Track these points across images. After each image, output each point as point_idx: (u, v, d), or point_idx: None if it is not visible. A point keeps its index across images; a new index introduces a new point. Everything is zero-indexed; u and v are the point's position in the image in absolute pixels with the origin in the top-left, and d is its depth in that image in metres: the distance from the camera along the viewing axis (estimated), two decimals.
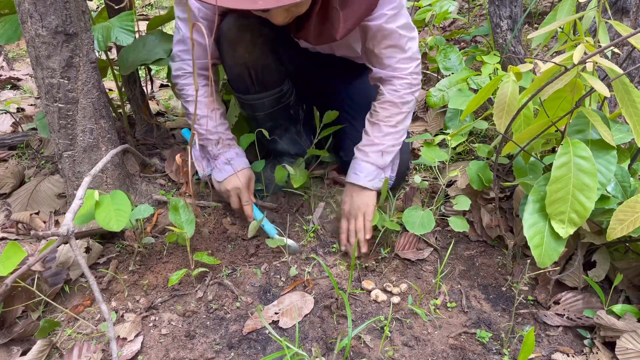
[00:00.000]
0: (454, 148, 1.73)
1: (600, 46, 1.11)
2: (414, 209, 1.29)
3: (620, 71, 0.96)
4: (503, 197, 1.42)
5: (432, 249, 1.37)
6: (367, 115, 1.39)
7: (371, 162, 1.34)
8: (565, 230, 1.03)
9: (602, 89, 0.94)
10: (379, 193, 1.35)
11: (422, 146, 1.44)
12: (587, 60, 0.96)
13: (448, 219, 1.32)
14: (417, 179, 1.41)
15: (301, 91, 1.55)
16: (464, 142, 1.74)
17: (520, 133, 1.16)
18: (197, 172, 1.47)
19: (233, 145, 1.41)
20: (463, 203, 1.28)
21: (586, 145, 1.03)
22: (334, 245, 1.38)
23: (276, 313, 1.16)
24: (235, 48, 1.29)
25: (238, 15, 1.27)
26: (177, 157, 1.18)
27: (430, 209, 1.30)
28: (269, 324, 1.13)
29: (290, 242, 1.35)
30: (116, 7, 1.62)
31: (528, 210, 1.09)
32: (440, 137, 1.43)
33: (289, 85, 1.48)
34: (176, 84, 1.38)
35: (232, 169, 1.37)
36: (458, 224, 1.28)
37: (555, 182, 1.03)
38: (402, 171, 1.51)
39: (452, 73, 1.91)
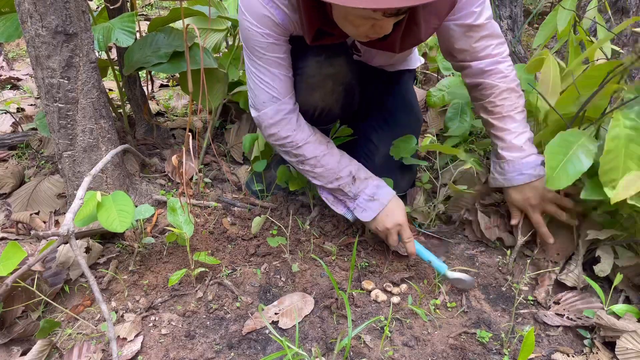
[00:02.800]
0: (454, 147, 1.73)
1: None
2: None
3: None
4: (502, 201, 1.43)
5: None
6: (485, 115, 1.29)
7: (529, 153, 1.25)
8: (617, 195, 1.05)
9: None
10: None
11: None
12: None
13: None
14: (424, 177, 1.41)
15: None
16: (464, 141, 1.74)
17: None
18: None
19: (369, 177, 1.27)
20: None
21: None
22: (332, 247, 1.38)
23: (276, 313, 1.16)
24: (312, 93, 1.25)
25: (323, 58, 1.21)
26: (174, 159, 1.17)
27: (430, 205, 1.31)
28: (269, 324, 1.13)
29: (464, 276, 1.21)
30: (111, 7, 1.62)
31: (554, 142, 1.13)
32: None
33: (337, 122, 1.46)
34: (273, 134, 1.23)
35: (379, 204, 1.23)
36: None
37: (608, 153, 1.07)
38: (413, 173, 1.52)
39: (452, 73, 1.91)
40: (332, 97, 1.28)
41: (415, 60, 1.60)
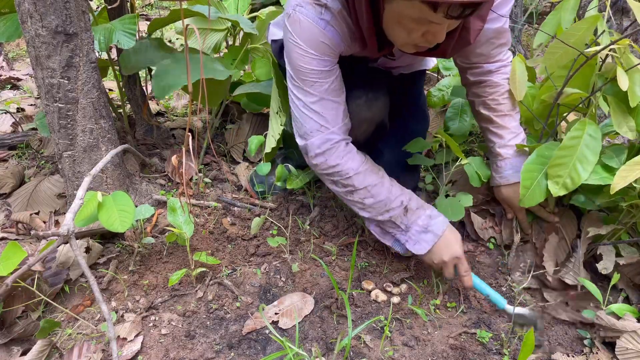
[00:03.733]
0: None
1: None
2: (442, 200, 1.31)
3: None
4: (492, 200, 1.43)
5: None
6: (486, 111, 1.29)
7: (524, 152, 1.28)
8: (557, 190, 1.14)
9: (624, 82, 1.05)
10: None
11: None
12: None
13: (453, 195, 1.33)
14: (428, 178, 1.42)
15: None
16: (464, 142, 1.74)
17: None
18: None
19: (420, 206, 1.18)
20: (465, 199, 1.29)
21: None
22: (332, 247, 1.38)
23: (276, 313, 1.16)
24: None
25: (363, 102, 1.21)
26: (174, 159, 1.17)
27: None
28: (269, 324, 1.14)
29: (526, 311, 1.13)
30: (109, 7, 1.62)
31: (530, 160, 1.20)
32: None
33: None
34: (319, 164, 1.17)
35: (433, 236, 1.15)
36: (464, 199, 1.30)
37: (563, 149, 1.13)
38: (416, 177, 1.52)
39: (452, 73, 1.91)
40: (364, 135, 1.30)
41: (429, 60, 1.57)
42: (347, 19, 1.06)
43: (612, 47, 1.09)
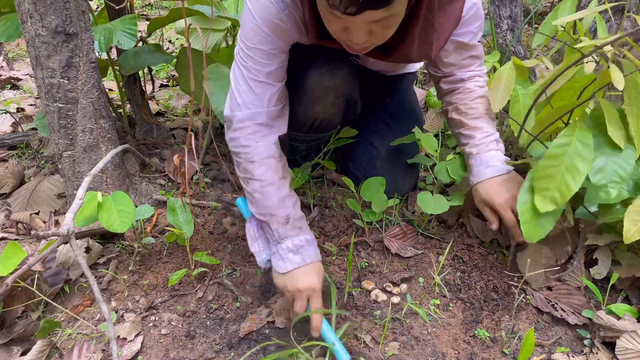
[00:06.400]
0: (454, 147, 1.73)
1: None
2: (425, 194, 1.29)
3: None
4: None
5: (423, 250, 1.37)
6: (457, 115, 1.28)
7: (497, 149, 1.23)
8: (544, 206, 1.02)
9: (619, 80, 0.94)
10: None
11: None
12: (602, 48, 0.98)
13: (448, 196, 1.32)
14: (429, 178, 1.42)
15: None
16: None
17: (538, 118, 1.21)
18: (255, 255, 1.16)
19: (304, 228, 1.11)
20: (457, 198, 1.28)
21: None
22: (332, 247, 1.38)
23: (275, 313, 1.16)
24: (313, 106, 1.25)
25: (325, 70, 1.20)
26: (175, 158, 1.17)
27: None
28: (266, 324, 1.14)
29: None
30: (117, 7, 1.62)
31: (524, 187, 1.08)
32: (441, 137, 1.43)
33: (337, 129, 1.46)
34: (235, 139, 1.12)
35: (301, 259, 1.06)
36: (455, 198, 1.29)
37: (549, 159, 1.01)
38: (415, 176, 1.52)
39: None
40: (333, 109, 1.28)
41: (415, 63, 1.60)
42: (298, 3, 1.04)
43: (606, 46, 1.05)
